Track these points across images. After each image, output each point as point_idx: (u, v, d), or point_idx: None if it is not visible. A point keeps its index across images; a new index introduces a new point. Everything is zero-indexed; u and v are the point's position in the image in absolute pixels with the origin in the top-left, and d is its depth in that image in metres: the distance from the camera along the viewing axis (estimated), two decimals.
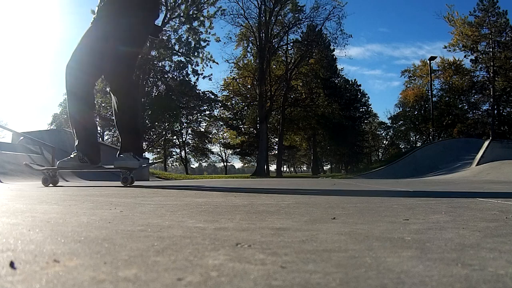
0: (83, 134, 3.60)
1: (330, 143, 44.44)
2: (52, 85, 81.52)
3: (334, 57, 38.60)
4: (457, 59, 34.74)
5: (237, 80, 35.16)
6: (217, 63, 28.88)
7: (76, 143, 3.64)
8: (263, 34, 29.80)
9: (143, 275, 0.50)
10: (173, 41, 26.85)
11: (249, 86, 35.16)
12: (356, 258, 0.60)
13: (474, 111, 37.29)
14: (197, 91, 34.09)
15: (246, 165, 54.04)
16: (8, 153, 7.79)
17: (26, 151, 8.84)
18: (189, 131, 39.84)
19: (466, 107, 37.71)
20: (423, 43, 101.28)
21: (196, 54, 26.83)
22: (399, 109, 44.10)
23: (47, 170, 3.86)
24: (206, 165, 59.79)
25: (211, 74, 47.56)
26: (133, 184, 3.64)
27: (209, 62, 27.28)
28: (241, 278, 0.49)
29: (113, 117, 3.69)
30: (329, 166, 58.47)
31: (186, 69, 30.27)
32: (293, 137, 42.75)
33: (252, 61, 33.34)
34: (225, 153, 48.60)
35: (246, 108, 37.45)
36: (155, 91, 31.81)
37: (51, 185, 3.77)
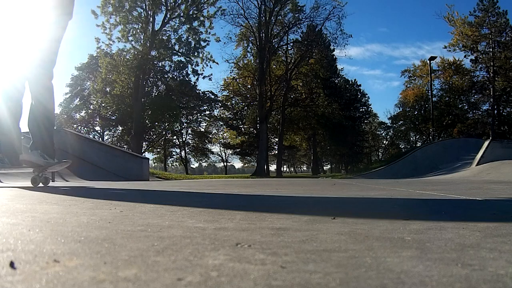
0: (3, 138, 3.79)
1: (330, 143, 44.43)
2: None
3: (334, 57, 38.57)
4: (457, 59, 34.75)
5: (237, 80, 35.14)
6: (217, 63, 28.91)
7: None
8: (263, 34, 29.78)
9: (143, 275, 0.50)
10: (173, 41, 26.87)
11: (249, 86, 35.14)
12: (356, 258, 0.60)
13: (474, 111, 37.29)
14: (197, 91, 34.10)
15: (246, 165, 54.01)
16: None
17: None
18: (189, 131, 39.84)
19: (466, 107, 37.70)
20: (423, 43, 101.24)
21: (196, 54, 26.86)
22: (399, 109, 44.09)
23: None
24: (206, 165, 59.74)
25: (211, 74, 47.67)
26: (47, 185, 3.71)
27: (209, 62, 27.32)
28: (241, 278, 0.49)
29: (28, 117, 3.79)
30: (329, 166, 58.46)
31: (186, 69, 30.29)
32: (293, 137, 42.72)
33: (252, 61, 33.31)
34: (225, 153, 48.56)
35: (246, 108, 37.43)
36: (155, 91, 31.81)
37: None
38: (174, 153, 41.73)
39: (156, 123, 31.21)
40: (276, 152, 37.16)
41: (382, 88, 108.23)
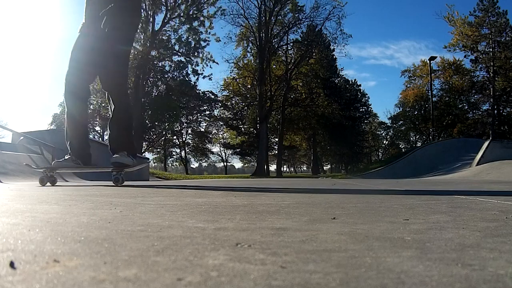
0: (76, 134, 3.85)
1: (330, 143, 44.44)
2: (52, 85, 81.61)
3: (334, 57, 38.58)
4: (457, 59, 34.76)
5: (237, 80, 35.14)
6: (217, 63, 29.00)
7: (69, 144, 3.98)
8: (263, 34, 29.78)
9: (143, 275, 0.50)
10: (173, 41, 26.91)
11: (249, 86, 35.13)
12: (356, 258, 0.60)
13: (474, 111, 37.27)
14: (197, 91, 34.13)
15: (246, 165, 54.01)
16: (8, 153, 7.79)
17: (26, 151, 8.83)
18: (189, 131, 39.82)
19: (466, 107, 37.69)
20: (423, 43, 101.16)
21: (196, 54, 26.92)
22: (399, 109, 44.07)
23: (45, 169, 4.05)
24: (206, 165, 59.68)
25: (211, 74, 47.81)
26: (123, 184, 3.84)
27: (209, 62, 27.39)
28: (241, 278, 0.49)
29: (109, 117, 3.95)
30: (329, 166, 58.46)
31: (186, 69, 30.35)
32: (293, 137, 42.70)
33: (252, 61, 33.33)
34: (225, 153, 48.53)
35: (246, 108, 37.44)
36: (155, 91, 31.81)
37: (48, 184, 3.94)
38: (174, 153, 41.72)
39: (156, 123, 31.21)
40: (276, 152, 37.15)
41: (382, 88, 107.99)
